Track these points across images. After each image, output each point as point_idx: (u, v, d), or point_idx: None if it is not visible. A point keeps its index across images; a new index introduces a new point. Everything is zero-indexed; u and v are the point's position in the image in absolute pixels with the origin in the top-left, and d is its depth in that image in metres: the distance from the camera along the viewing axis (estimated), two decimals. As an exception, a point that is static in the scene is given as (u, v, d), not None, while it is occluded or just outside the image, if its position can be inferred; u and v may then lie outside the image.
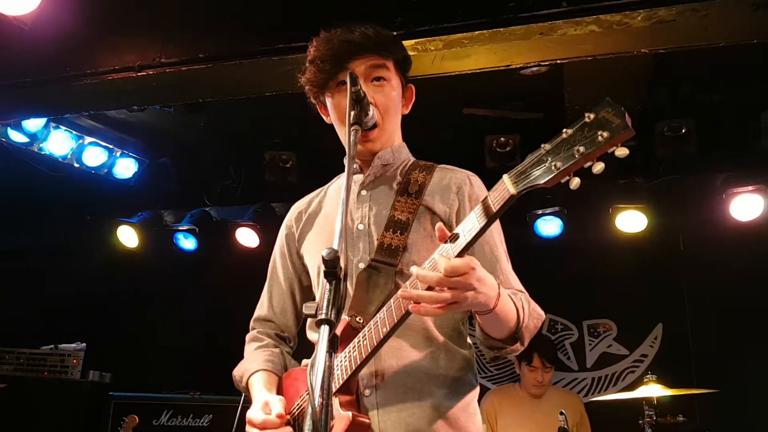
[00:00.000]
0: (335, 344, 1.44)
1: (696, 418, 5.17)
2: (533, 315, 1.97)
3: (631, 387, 5.64)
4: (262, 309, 2.44)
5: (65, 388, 5.62)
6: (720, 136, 5.16)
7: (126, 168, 6.05)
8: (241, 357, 2.35)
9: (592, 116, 1.46)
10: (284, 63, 3.47)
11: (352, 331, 1.92)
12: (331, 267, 1.49)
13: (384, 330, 1.82)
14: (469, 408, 2.07)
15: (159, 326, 6.55)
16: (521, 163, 1.58)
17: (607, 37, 3.23)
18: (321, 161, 2.59)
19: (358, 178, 2.25)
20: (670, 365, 5.63)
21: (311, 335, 2.25)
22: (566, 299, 6.25)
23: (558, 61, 3.56)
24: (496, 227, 2.16)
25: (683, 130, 4.95)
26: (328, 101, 2.22)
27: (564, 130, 1.49)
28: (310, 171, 5.66)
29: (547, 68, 4.30)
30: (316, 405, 1.32)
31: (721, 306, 5.66)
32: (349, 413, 1.85)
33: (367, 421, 1.90)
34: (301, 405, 2.04)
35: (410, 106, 2.34)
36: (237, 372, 2.31)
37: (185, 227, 6.28)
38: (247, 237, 6.09)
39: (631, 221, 5.52)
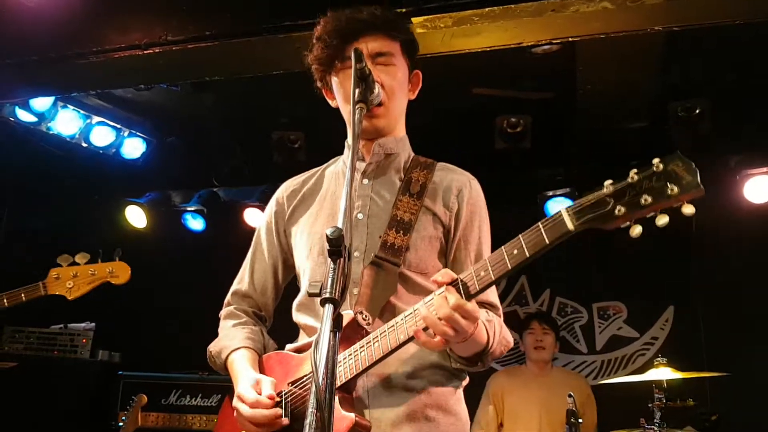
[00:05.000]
0: (339, 323, 1.43)
1: (706, 401, 5.14)
2: (502, 342, 2.00)
3: (641, 370, 5.61)
4: (242, 283, 2.41)
5: (74, 367, 5.63)
6: (734, 116, 5.08)
7: (134, 148, 6.03)
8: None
9: (661, 166, 1.45)
10: (291, 41, 3.44)
11: (357, 327, 1.91)
12: (336, 246, 1.48)
13: (402, 337, 1.81)
14: (457, 393, 2.11)
15: (167, 306, 6.54)
16: (580, 199, 1.55)
17: (620, 14, 3.19)
18: (330, 142, 2.55)
19: (360, 165, 2.22)
20: (680, 348, 5.60)
21: (300, 318, 2.22)
22: (576, 282, 6.23)
23: (570, 39, 3.51)
24: (485, 214, 2.20)
25: (697, 111, 4.88)
26: (334, 81, 2.19)
27: (630, 174, 1.46)
28: (318, 151, 5.59)
29: (559, 47, 4.24)
30: (320, 384, 1.30)
31: (733, 289, 5.60)
32: (352, 415, 1.82)
33: (369, 424, 1.88)
34: (292, 391, 2.01)
35: (417, 92, 2.31)
36: (214, 348, 2.27)
37: (193, 208, 6.30)
38: (255, 217, 6.07)
39: (643, 203, 5.46)
